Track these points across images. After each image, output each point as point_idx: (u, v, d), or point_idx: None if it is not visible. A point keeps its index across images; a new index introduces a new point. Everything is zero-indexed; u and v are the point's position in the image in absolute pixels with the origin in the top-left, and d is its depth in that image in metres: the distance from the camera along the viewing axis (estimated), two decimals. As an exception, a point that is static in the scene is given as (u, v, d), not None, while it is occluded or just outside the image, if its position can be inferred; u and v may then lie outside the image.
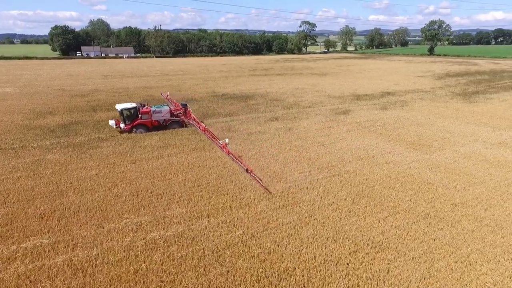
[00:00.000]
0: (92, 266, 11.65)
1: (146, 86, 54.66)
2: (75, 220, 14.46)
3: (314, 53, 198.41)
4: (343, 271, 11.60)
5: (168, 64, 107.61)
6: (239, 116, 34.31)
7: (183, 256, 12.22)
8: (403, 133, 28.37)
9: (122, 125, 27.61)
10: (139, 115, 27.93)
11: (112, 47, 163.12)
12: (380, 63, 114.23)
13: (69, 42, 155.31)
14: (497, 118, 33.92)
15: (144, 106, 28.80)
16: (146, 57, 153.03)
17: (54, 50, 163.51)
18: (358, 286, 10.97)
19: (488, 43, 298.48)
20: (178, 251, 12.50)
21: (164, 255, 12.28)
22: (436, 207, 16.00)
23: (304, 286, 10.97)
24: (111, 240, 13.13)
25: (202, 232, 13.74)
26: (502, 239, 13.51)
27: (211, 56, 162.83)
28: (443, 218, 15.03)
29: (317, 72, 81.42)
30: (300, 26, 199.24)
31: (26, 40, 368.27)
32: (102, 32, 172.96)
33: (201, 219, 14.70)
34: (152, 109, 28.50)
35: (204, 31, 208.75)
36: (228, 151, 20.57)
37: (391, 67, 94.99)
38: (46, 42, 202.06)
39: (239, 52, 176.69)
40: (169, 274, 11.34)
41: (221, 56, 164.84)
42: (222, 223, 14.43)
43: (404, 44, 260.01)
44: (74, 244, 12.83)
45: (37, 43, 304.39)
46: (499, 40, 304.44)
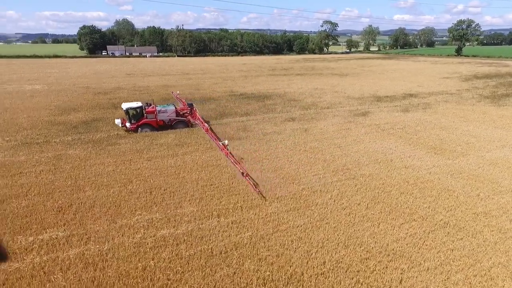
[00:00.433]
0: (102, 261, 11.89)
1: (166, 85, 55.60)
2: (89, 215, 14.85)
3: (336, 53, 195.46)
4: (352, 278, 11.24)
5: (189, 63, 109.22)
6: (255, 116, 34.22)
7: (191, 255, 12.25)
8: (424, 136, 27.31)
9: (128, 124, 27.70)
10: (145, 115, 27.98)
11: (136, 46, 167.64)
12: (403, 63, 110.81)
13: (95, 41, 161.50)
14: (528, 123, 32.00)
15: (149, 105, 28.73)
16: (168, 56, 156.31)
17: (81, 49, 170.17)
18: (368, 295, 10.60)
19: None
20: (186, 250, 12.55)
21: (172, 253, 12.37)
22: (456, 215, 15.23)
23: (311, 292, 10.71)
24: (122, 235, 13.38)
25: (211, 231, 13.74)
26: (527, 253, 12.67)
27: (232, 55, 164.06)
28: (464, 227, 14.28)
29: (337, 72, 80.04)
30: (321, 26, 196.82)
31: (57, 39, 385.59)
32: (126, 31, 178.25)
33: (211, 219, 14.71)
34: (158, 108, 28.42)
35: (226, 30, 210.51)
36: (227, 153, 20.53)
37: (415, 68, 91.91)
38: (75, 42, 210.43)
39: (260, 52, 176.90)
40: (176, 272, 11.39)
41: (241, 55, 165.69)
42: (232, 223, 14.37)
43: (430, 44, 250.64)
44: (87, 238, 13.16)
45: (67, 42, 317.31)
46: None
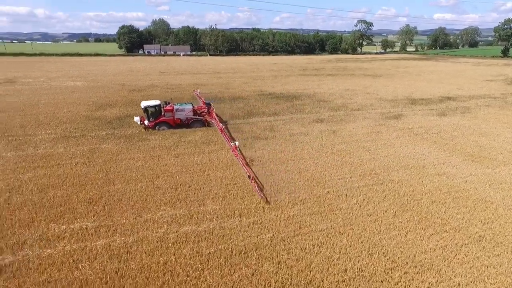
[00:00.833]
0: (127, 253, 12.33)
1: (197, 83, 56.75)
2: (117, 207, 15.46)
3: (370, 53, 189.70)
4: (375, 288, 10.79)
5: (220, 62, 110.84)
6: (283, 116, 33.97)
7: (211, 253, 12.36)
8: (461, 142, 25.68)
9: (146, 121, 28.19)
10: (163, 113, 28.46)
11: (171, 45, 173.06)
12: (442, 65, 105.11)
13: (133, 41, 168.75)
14: None
15: (168, 103, 29.11)
16: (201, 55, 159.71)
17: (120, 48, 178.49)
18: (391, 307, 10.12)
19: None
20: (207, 248, 12.68)
21: (193, 250, 12.55)
22: (493, 229, 14.16)
23: (330, 299, 10.42)
24: (147, 229, 13.79)
25: (232, 231, 13.79)
26: None
27: (263, 55, 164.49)
28: (501, 243, 13.23)
29: (370, 73, 77.53)
30: (355, 25, 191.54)
31: (99, 38, 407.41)
32: (162, 31, 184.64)
33: (233, 218, 14.78)
34: (175, 107, 28.71)
35: (258, 30, 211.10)
36: (237, 154, 20.41)
37: (455, 70, 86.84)
38: (115, 41, 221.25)
39: (291, 52, 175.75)
40: (195, 269, 11.55)
41: (272, 55, 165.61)
42: (253, 223, 14.34)
43: (473, 44, 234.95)
44: (114, 230, 13.71)
45: (107, 41, 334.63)
46: None
